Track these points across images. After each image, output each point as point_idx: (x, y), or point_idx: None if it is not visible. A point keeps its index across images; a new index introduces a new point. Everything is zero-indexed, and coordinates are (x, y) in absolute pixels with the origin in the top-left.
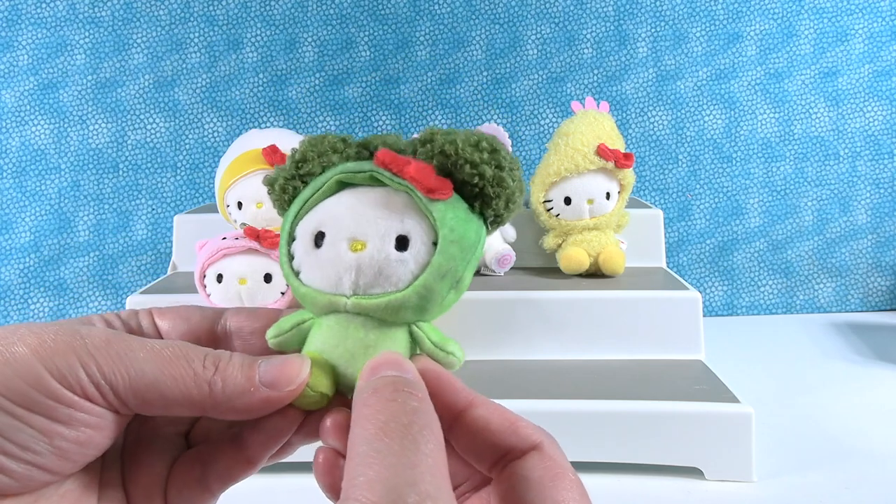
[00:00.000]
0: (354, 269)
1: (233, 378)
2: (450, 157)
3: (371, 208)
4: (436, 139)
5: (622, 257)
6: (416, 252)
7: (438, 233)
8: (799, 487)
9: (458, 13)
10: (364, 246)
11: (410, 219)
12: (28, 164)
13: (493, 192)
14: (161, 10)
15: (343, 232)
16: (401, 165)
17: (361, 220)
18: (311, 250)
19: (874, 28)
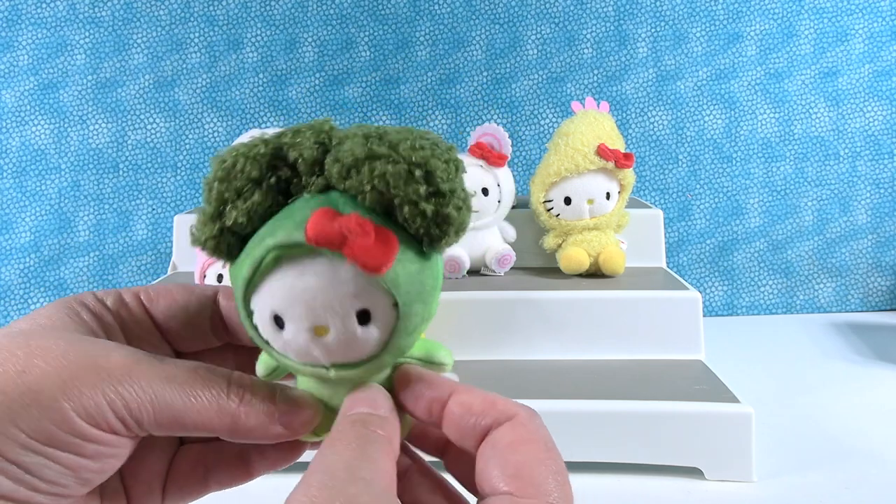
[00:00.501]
0: (325, 350)
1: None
2: (384, 195)
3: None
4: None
5: (622, 257)
6: (381, 319)
7: (397, 298)
8: (799, 487)
9: (458, 13)
10: (327, 331)
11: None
12: (28, 164)
13: (438, 232)
14: (161, 10)
15: (302, 322)
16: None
17: (316, 307)
18: (274, 331)
19: (874, 28)
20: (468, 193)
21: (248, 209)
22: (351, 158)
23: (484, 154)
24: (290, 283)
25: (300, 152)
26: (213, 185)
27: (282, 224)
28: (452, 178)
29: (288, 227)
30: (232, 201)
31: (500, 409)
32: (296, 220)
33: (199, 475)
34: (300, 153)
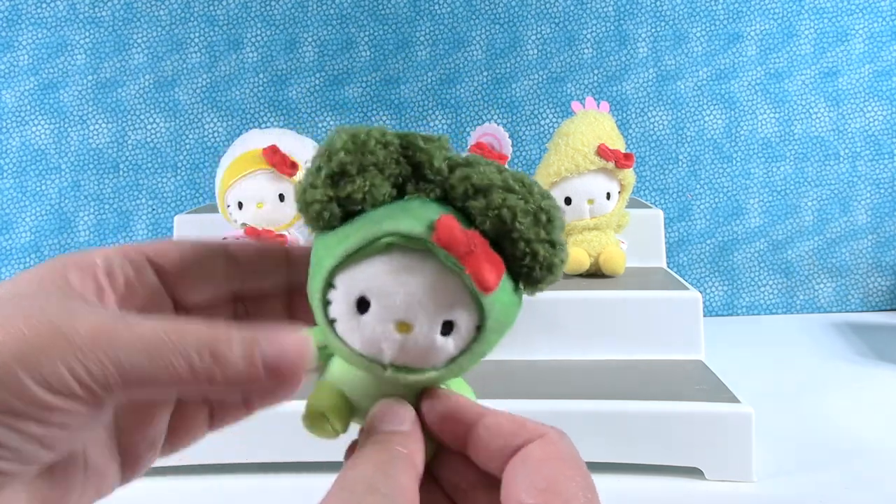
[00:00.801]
0: (399, 348)
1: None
2: (505, 225)
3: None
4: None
5: (622, 257)
6: (459, 337)
7: (485, 321)
8: (799, 487)
9: (458, 13)
10: (410, 329)
11: (459, 306)
12: (28, 164)
13: (539, 275)
14: (161, 10)
15: (391, 312)
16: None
17: (412, 303)
18: (353, 314)
19: (874, 28)
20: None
21: (365, 189)
22: (486, 182)
23: (484, 154)
24: (395, 271)
25: (430, 157)
26: (337, 153)
27: (401, 216)
28: (561, 236)
29: (410, 220)
30: (351, 175)
31: (529, 430)
32: (417, 216)
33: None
34: (430, 158)
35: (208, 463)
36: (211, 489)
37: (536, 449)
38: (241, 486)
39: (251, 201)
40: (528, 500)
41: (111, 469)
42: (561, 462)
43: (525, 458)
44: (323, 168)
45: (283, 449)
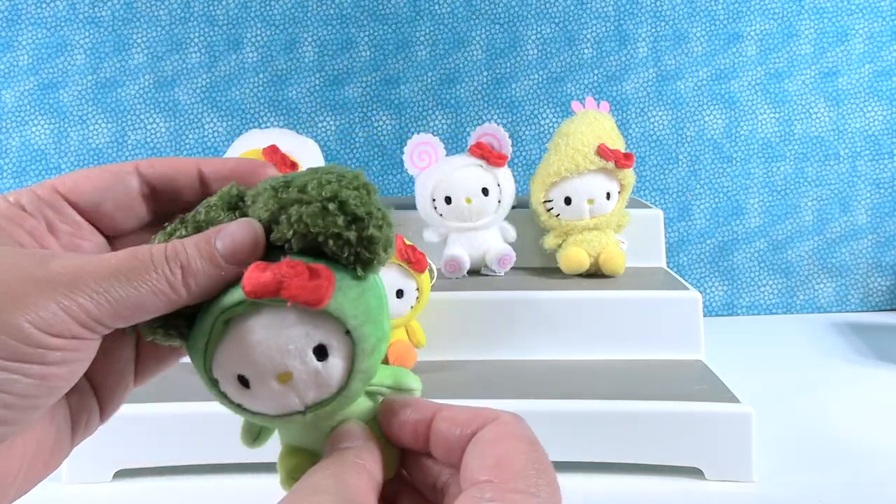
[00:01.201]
0: (294, 394)
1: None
2: (307, 237)
3: (273, 339)
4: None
5: (622, 257)
6: (337, 349)
7: (346, 325)
8: (799, 487)
9: (458, 13)
10: (290, 375)
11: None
12: (28, 164)
13: (367, 254)
14: (161, 10)
15: (264, 375)
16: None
17: (273, 355)
18: (243, 392)
19: (874, 28)
20: (385, 212)
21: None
22: (267, 214)
23: (484, 154)
24: (243, 342)
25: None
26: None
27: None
28: (366, 202)
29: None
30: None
31: (484, 416)
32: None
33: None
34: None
35: (209, 463)
36: (211, 489)
37: (488, 431)
38: (241, 486)
39: None
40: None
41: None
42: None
43: (477, 441)
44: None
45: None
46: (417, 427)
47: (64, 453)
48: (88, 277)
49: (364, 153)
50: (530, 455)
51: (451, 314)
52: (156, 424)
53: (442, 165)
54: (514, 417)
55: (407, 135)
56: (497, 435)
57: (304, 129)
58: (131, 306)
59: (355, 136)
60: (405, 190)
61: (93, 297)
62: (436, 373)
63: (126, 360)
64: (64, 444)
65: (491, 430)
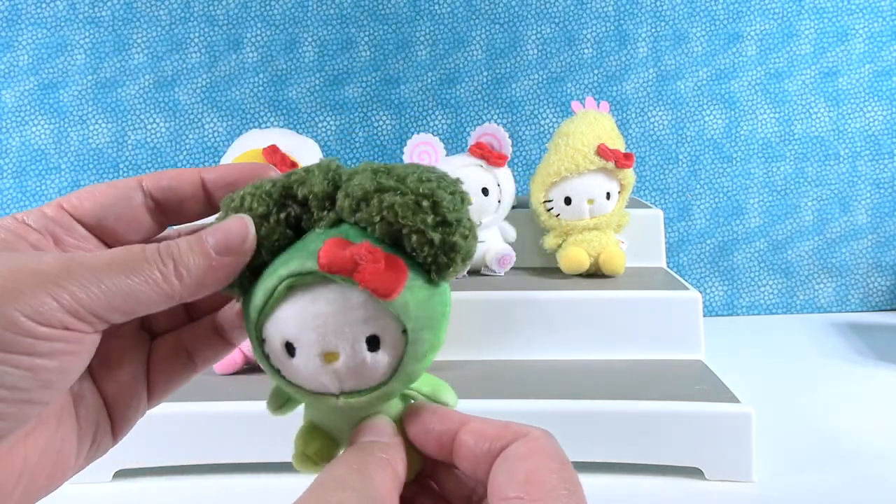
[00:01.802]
0: (334, 377)
1: (194, 263)
2: (392, 226)
3: (332, 317)
4: (371, 203)
5: (622, 257)
6: (390, 345)
7: (406, 325)
8: (799, 487)
9: (458, 13)
10: (337, 357)
11: (375, 318)
12: (28, 164)
13: (446, 259)
14: (161, 10)
15: (312, 348)
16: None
17: (327, 333)
18: (285, 359)
19: (874, 28)
20: (473, 223)
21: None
22: (361, 192)
23: (484, 154)
24: (302, 311)
25: (310, 188)
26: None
27: (294, 255)
28: (458, 208)
29: (301, 257)
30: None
31: (513, 431)
32: (308, 250)
33: (183, 359)
34: (310, 189)
35: (209, 463)
36: (211, 489)
37: (519, 447)
38: (241, 486)
39: None
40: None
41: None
42: (542, 456)
43: (507, 456)
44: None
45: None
46: (442, 437)
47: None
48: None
49: (364, 153)
50: (561, 474)
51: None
52: (156, 424)
53: (442, 165)
54: (545, 434)
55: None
56: (528, 451)
57: (304, 129)
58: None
59: (355, 136)
60: None
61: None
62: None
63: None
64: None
65: (521, 445)
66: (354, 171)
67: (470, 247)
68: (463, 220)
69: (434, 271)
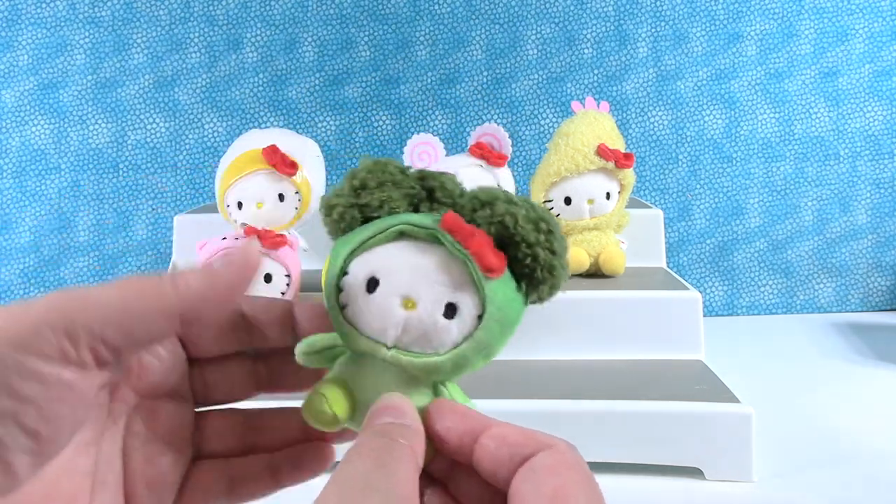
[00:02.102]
0: (402, 325)
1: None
2: (507, 230)
3: (429, 270)
4: (497, 206)
5: (622, 257)
6: (462, 322)
7: (486, 309)
8: (799, 487)
9: (458, 13)
10: (415, 306)
11: (463, 290)
12: (28, 164)
13: (541, 276)
14: (161, 10)
15: (398, 287)
16: (465, 236)
17: (418, 280)
18: (362, 293)
19: (874, 28)
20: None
21: (383, 199)
22: (490, 197)
23: (484, 154)
24: (406, 254)
25: (442, 182)
26: (359, 173)
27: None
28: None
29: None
30: (371, 189)
31: (538, 440)
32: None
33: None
34: (442, 183)
35: None
36: None
37: (545, 458)
38: None
39: (251, 201)
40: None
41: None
42: (569, 471)
43: (533, 468)
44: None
45: None
46: (464, 437)
47: None
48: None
49: (364, 153)
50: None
51: None
52: None
53: (442, 165)
54: (571, 448)
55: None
56: (555, 464)
57: (304, 129)
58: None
59: (355, 136)
60: None
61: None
62: None
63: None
64: None
65: (548, 457)
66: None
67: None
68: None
69: (527, 283)
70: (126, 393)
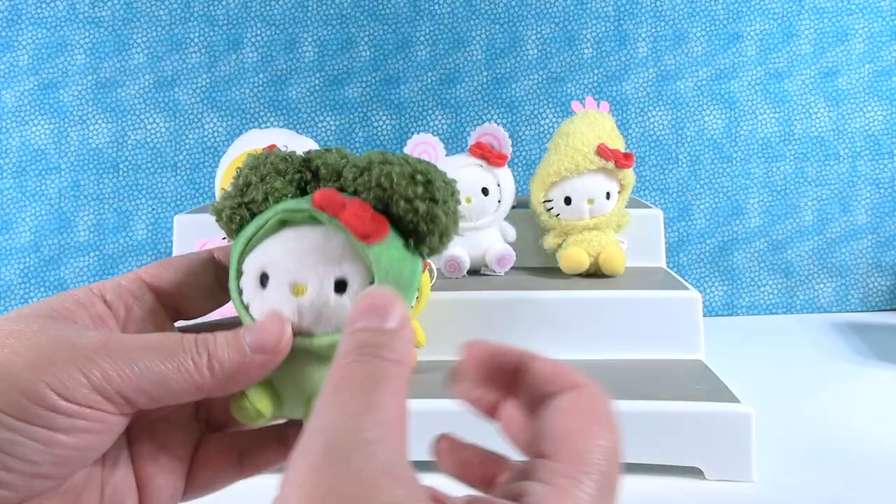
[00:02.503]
0: (297, 311)
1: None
2: (385, 191)
3: (310, 253)
4: (373, 170)
5: (622, 257)
6: (355, 294)
7: (374, 275)
8: (799, 487)
9: (458, 13)
10: (304, 290)
11: (348, 262)
12: (28, 164)
13: (426, 228)
14: (161, 10)
15: (285, 276)
16: (336, 209)
17: (301, 266)
18: (257, 290)
19: (874, 28)
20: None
21: (267, 191)
22: (365, 162)
23: (484, 154)
24: (285, 243)
25: (324, 160)
26: (242, 170)
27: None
28: (447, 195)
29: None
30: (255, 184)
31: (568, 379)
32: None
33: (233, 460)
34: (324, 160)
35: None
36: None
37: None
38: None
39: None
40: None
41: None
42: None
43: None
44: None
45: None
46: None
47: None
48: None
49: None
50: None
51: (451, 314)
52: None
53: (442, 165)
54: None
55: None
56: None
57: (304, 129)
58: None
59: (355, 136)
60: None
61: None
62: (436, 373)
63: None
64: None
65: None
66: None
67: (450, 225)
68: (449, 203)
69: (414, 238)
70: None
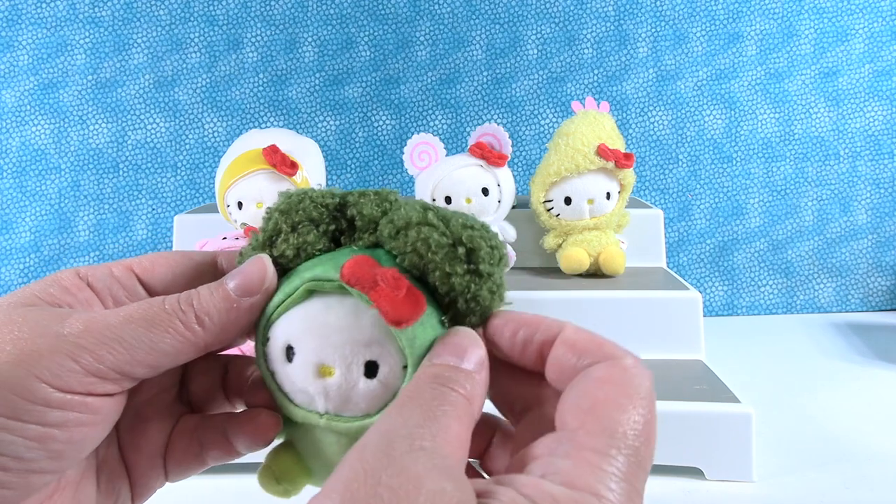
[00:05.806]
0: (323, 394)
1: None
2: (422, 258)
3: (338, 331)
4: (409, 232)
5: (622, 257)
6: (385, 377)
7: (407, 359)
8: (799, 487)
9: (458, 13)
10: (332, 373)
11: (378, 343)
12: (28, 164)
13: (465, 307)
14: (161, 10)
15: (311, 356)
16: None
17: (328, 346)
18: (283, 362)
19: (874, 28)
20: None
21: (298, 245)
22: (403, 221)
23: (484, 154)
24: (312, 316)
25: (360, 209)
26: (273, 214)
27: (323, 263)
28: (494, 263)
29: (328, 265)
30: (286, 233)
31: (604, 351)
32: (337, 262)
33: (195, 450)
34: (360, 210)
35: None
36: (211, 489)
37: (600, 369)
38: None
39: (251, 201)
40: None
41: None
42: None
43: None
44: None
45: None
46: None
47: None
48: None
49: (364, 153)
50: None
51: None
52: None
53: (442, 165)
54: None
55: (407, 135)
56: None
57: (304, 129)
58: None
59: (355, 136)
60: (405, 190)
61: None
62: None
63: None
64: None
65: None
66: (407, 202)
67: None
68: (495, 275)
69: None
70: None
